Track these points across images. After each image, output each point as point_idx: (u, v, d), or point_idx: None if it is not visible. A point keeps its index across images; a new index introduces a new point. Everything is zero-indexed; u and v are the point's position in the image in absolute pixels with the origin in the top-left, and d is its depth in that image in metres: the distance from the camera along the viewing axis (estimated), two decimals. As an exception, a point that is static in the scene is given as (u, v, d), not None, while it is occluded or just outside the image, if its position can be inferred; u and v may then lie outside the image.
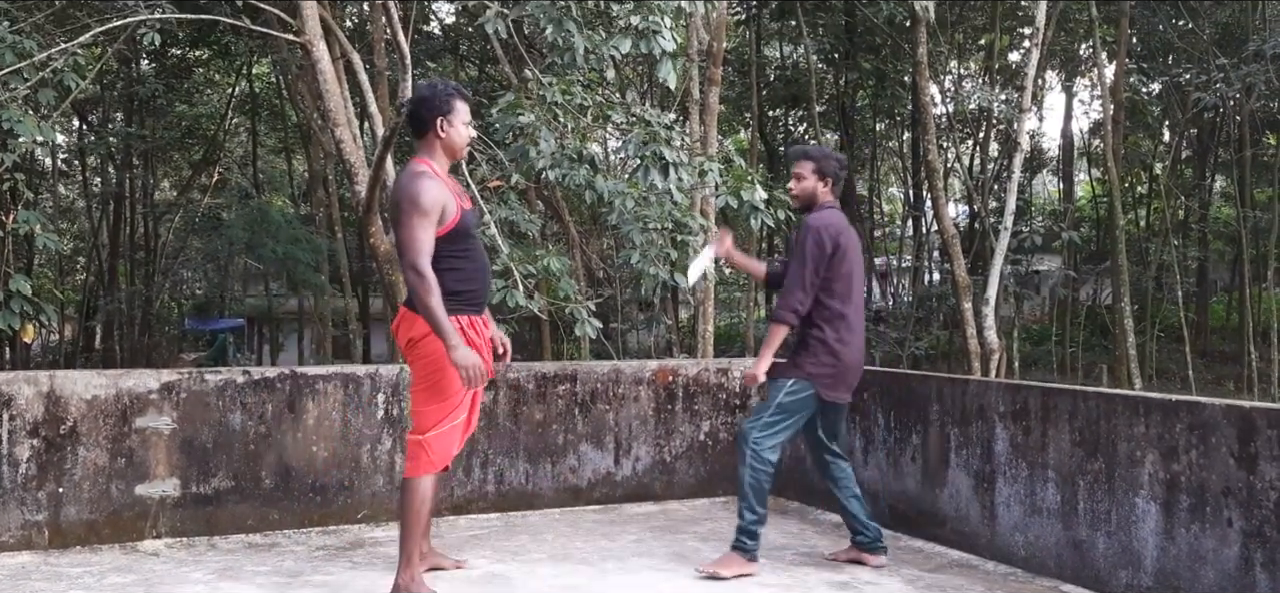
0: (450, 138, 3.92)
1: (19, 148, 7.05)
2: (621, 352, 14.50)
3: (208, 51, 19.86)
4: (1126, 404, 4.27)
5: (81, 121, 20.82)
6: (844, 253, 4.49)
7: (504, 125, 6.96)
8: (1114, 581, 4.25)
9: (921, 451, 5.24)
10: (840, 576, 4.53)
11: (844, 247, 4.49)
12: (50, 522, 4.75)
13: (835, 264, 4.48)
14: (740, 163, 7.74)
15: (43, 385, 4.77)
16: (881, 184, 29.23)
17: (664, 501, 6.00)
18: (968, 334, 14.36)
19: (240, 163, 25.31)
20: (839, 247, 4.47)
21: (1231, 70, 16.27)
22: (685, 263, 7.75)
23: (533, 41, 10.95)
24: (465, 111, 3.96)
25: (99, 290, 22.47)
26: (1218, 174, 25.26)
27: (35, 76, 7.08)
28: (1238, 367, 20.99)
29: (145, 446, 4.91)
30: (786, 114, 25.00)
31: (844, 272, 4.50)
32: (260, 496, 5.11)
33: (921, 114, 16.16)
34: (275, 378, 5.16)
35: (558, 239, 14.34)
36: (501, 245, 6.98)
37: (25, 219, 7.58)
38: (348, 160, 8.56)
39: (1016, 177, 14.82)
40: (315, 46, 8.23)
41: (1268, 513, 3.72)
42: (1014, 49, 22.24)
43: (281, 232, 18.56)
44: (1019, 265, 20.21)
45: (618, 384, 5.93)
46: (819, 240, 4.46)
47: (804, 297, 4.46)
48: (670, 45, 6.71)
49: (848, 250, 4.51)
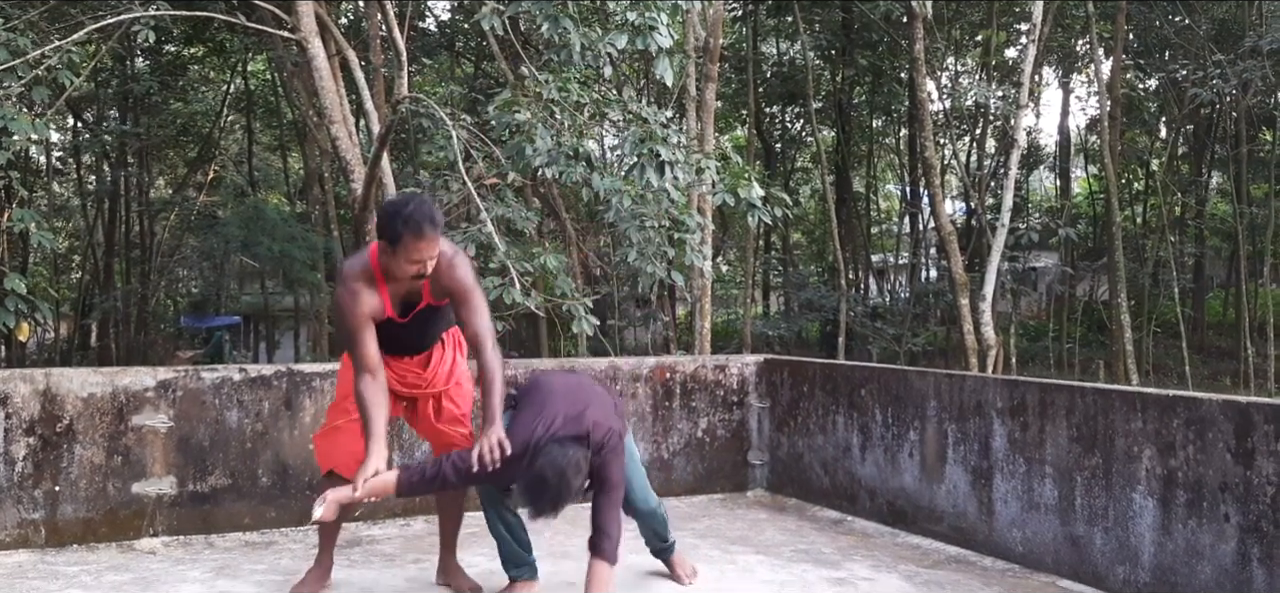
0: (389, 265, 3.71)
1: (13, 145, 7.03)
2: (619, 349, 14.50)
3: (203, 49, 19.84)
4: (1124, 400, 4.27)
5: (76, 119, 20.77)
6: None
7: (500, 122, 6.96)
8: (1111, 576, 4.25)
9: (919, 447, 5.24)
10: (837, 573, 4.53)
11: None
12: (47, 520, 4.73)
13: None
14: (737, 160, 7.74)
15: (39, 384, 4.75)
16: (878, 180, 29.24)
17: (661, 497, 5.97)
18: (965, 331, 14.38)
19: (236, 160, 25.29)
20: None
21: (1228, 66, 16.30)
22: (682, 261, 7.75)
23: (529, 38, 10.94)
24: (415, 249, 3.60)
25: (94, 288, 22.44)
26: (1214, 170, 25.30)
27: (30, 74, 7.06)
28: (1234, 362, 21.04)
29: (142, 444, 4.89)
30: (784, 110, 25.01)
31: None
32: (257, 494, 5.10)
33: (918, 110, 16.17)
34: (272, 376, 5.15)
35: (555, 236, 14.34)
36: (498, 242, 6.98)
37: (20, 217, 7.57)
38: (344, 157, 8.55)
39: (1013, 173, 14.84)
40: (311, 43, 8.22)
41: (1264, 508, 3.73)
42: (1011, 45, 22.26)
43: (277, 229, 18.54)
44: (1016, 262, 20.24)
45: (615, 381, 5.92)
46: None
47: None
48: (667, 41, 6.71)
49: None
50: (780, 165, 24.82)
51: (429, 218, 3.60)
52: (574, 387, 3.87)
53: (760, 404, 6.30)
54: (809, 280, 23.71)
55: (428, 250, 3.62)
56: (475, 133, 7.81)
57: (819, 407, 5.91)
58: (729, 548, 4.90)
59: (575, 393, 3.80)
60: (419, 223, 3.57)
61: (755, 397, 6.30)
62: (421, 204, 3.67)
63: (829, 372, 5.96)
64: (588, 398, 3.79)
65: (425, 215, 3.60)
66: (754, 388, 6.30)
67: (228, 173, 23.74)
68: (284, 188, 25.85)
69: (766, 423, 6.30)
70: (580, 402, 3.74)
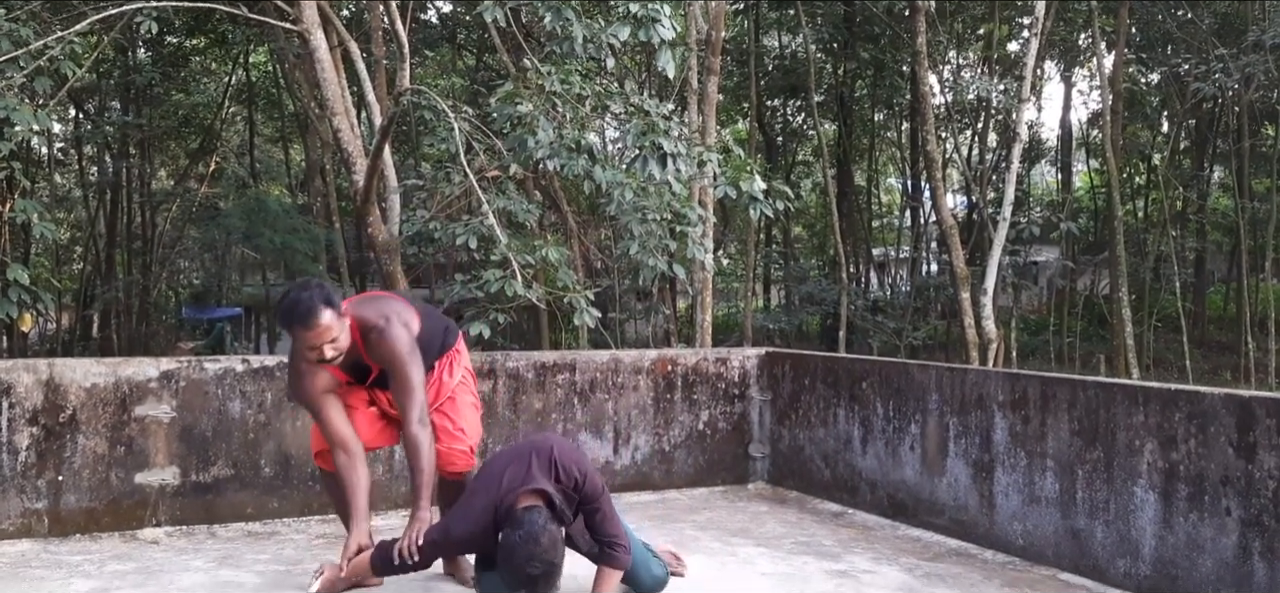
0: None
1: (15, 136, 7.03)
2: (620, 342, 14.50)
3: (205, 40, 19.81)
4: (1125, 394, 4.27)
5: (78, 110, 20.76)
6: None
7: (502, 114, 6.95)
8: (1112, 569, 4.26)
9: (920, 440, 5.24)
10: (838, 565, 4.54)
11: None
12: (50, 510, 4.74)
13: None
14: (739, 153, 7.73)
15: (42, 374, 4.76)
16: (880, 174, 29.23)
17: (663, 490, 6.01)
18: (966, 324, 14.38)
19: (237, 152, 25.27)
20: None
21: (1230, 61, 16.27)
22: (683, 254, 7.75)
23: (531, 30, 10.93)
24: (306, 339, 3.63)
25: (96, 279, 22.44)
26: (1216, 164, 25.27)
27: (31, 65, 7.05)
28: (1235, 357, 21.05)
29: (145, 434, 4.90)
30: (785, 104, 24.97)
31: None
32: (260, 484, 5.11)
33: (920, 104, 16.15)
34: (275, 367, 5.15)
35: (556, 229, 14.33)
36: (500, 235, 6.98)
37: (22, 208, 7.56)
38: (345, 149, 8.55)
39: (1015, 167, 14.82)
40: (313, 35, 8.21)
41: (1265, 502, 3.73)
42: (1013, 39, 22.21)
43: (279, 221, 18.54)
44: (1017, 256, 20.23)
45: (617, 374, 5.93)
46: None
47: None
48: (669, 33, 6.70)
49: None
50: (781, 158, 24.79)
51: (309, 311, 3.57)
52: (519, 450, 3.76)
53: (761, 397, 6.31)
54: (810, 274, 23.70)
55: (321, 337, 3.61)
56: (477, 125, 7.80)
57: (820, 400, 5.92)
58: (730, 540, 4.91)
59: (522, 454, 3.69)
60: (303, 316, 3.58)
61: (756, 390, 6.31)
62: (300, 297, 3.61)
63: (830, 365, 5.97)
64: (531, 453, 3.67)
65: (304, 311, 3.57)
66: (755, 381, 6.31)
67: (229, 164, 23.73)
68: (286, 180, 25.84)
69: (767, 416, 6.30)
70: (524, 459, 3.65)
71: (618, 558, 3.72)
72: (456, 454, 3.96)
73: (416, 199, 9.62)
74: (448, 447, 3.94)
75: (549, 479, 3.58)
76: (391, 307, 3.88)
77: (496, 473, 3.65)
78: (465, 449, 3.98)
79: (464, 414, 4.03)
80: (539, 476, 3.58)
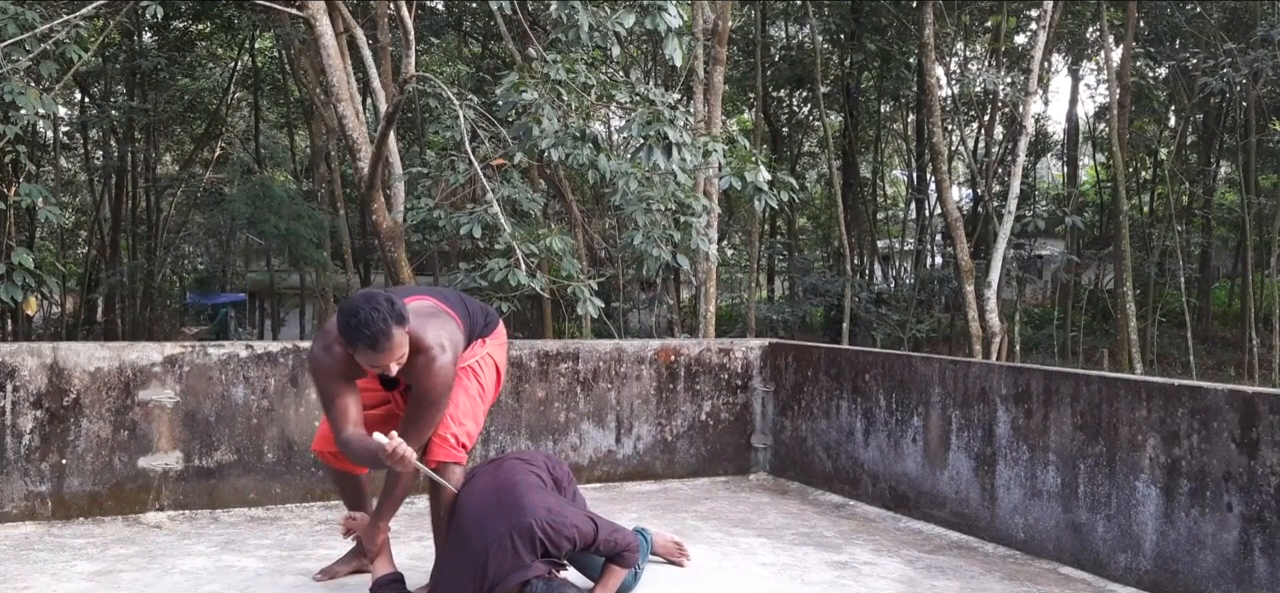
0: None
1: (21, 120, 7.04)
2: (623, 331, 14.52)
3: (210, 25, 19.81)
4: (1129, 389, 4.26)
5: (83, 94, 20.78)
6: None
7: (507, 102, 6.95)
8: (1113, 564, 4.26)
9: (922, 432, 5.24)
10: (839, 556, 4.54)
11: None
12: (53, 493, 4.76)
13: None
14: (744, 143, 7.72)
15: (46, 357, 4.78)
16: (885, 166, 29.16)
17: (665, 480, 6.01)
18: (970, 317, 14.37)
19: (242, 137, 25.28)
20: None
21: (1239, 55, 16.21)
22: (687, 244, 7.75)
23: (537, 18, 10.90)
24: (370, 359, 3.34)
25: (101, 264, 22.49)
26: (1223, 159, 25.19)
27: (37, 49, 7.06)
28: (1239, 353, 21.01)
29: (148, 418, 4.92)
30: (791, 94, 24.92)
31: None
32: (263, 470, 5.12)
33: (927, 96, 16.12)
34: (278, 353, 5.16)
35: (560, 218, 14.34)
36: (504, 224, 6.98)
37: (27, 192, 7.58)
38: (350, 136, 8.55)
39: (1021, 160, 14.79)
40: (319, 21, 8.20)
41: (1268, 499, 3.73)
42: (1021, 31, 22.14)
43: (283, 207, 18.56)
44: (1022, 249, 20.22)
45: (619, 364, 5.94)
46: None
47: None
48: (675, 22, 6.69)
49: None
50: (787, 149, 24.77)
51: (379, 334, 3.24)
52: (497, 533, 3.47)
53: (764, 388, 6.31)
54: (814, 265, 23.69)
55: (388, 359, 3.31)
56: (482, 113, 7.80)
57: (823, 391, 5.92)
58: (731, 531, 4.92)
59: (501, 537, 3.45)
60: (372, 339, 3.25)
61: (759, 380, 6.31)
62: (371, 318, 3.24)
63: (833, 356, 5.97)
64: (512, 536, 3.44)
65: (372, 334, 3.24)
66: (758, 372, 6.31)
67: (234, 150, 23.72)
68: (290, 165, 25.86)
69: (770, 407, 6.31)
70: (505, 545, 3.42)
71: (626, 559, 3.72)
72: (438, 441, 3.72)
73: (421, 187, 9.62)
74: (436, 434, 3.76)
75: (536, 556, 3.44)
76: (447, 331, 3.57)
77: (479, 551, 3.43)
78: (449, 439, 3.72)
79: (459, 403, 3.82)
80: (527, 558, 3.41)
